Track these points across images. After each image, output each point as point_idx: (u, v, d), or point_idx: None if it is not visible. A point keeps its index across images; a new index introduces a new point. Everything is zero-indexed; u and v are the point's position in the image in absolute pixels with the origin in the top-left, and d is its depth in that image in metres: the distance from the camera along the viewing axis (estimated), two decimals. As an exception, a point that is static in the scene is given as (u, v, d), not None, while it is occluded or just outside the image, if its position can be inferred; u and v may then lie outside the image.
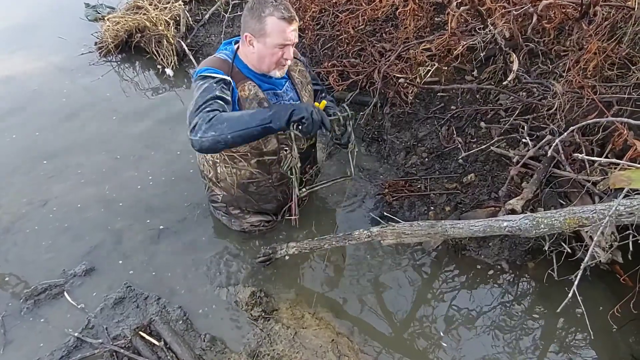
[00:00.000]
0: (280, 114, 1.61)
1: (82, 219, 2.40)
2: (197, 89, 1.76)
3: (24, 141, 2.89)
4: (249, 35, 1.80)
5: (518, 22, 2.16)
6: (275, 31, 1.76)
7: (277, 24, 1.75)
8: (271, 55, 1.82)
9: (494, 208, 2.22)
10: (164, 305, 2.01)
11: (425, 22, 2.86)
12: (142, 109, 3.18)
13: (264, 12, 1.74)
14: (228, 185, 2.16)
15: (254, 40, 1.80)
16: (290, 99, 2.03)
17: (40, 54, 3.66)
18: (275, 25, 1.75)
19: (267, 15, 1.74)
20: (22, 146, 2.86)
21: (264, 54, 1.82)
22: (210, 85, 1.76)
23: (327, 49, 3.19)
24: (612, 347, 1.98)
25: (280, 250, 2.09)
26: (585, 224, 1.48)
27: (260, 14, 1.74)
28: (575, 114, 2.19)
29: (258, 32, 1.78)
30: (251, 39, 1.80)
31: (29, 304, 2.02)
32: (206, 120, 1.61)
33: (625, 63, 2.27)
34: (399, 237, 1.84)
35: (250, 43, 1.82)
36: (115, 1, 4.06)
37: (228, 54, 1.92)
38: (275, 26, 1.75)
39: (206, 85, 1.75)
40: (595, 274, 2.09)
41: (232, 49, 1.94)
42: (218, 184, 2.19)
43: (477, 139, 2.56)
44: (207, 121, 1.61)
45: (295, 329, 1.94)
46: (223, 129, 1.60)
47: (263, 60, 1.85)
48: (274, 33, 1.76)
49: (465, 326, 2.04)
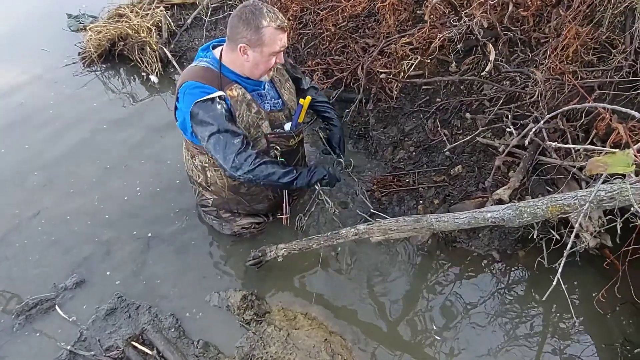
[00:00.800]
0: (304, 178, 1.93)
1: (71, 231, 2.39)
2: (207, 122, 1.81)
3: (15, 155, 2.88)
4: (244, 45, 1.80)
5: (496, 12, 2.15)
6: (272, 40, 1.79)
7: (274, 34, 1.78)
8: (266, 62, 1.85)
9: (482, 199, 2.22)
10: (156, 314, 2.01)
11: (406, 15, 2.85)
12: (129, 117, 3.16)
13: (261, 23, 1.75)
14: (219, 189, 2.16)
15: (249, 50, 1.81)
16: (271, 97, 2.05)
17: (24, 67, 3.64)
18: (273, 34, 1.78)
19: (264, 26, 1.76)
20: (11, 160, 2.85)
21: (258, 61, 1.84)
22: (215, 114, 1.80)
23: (310, 47, 3.18)
24: (605, 331, 1.99)
25: (269, 252, 2.09)
26: (568, 211, 1.48)
27: (257, 25, 1.76)
28: (558, 100, 2.18)
29: (255, 42, 1.79)
30: (246, 48, 1.81)
31: (21, 320, 2.02)
32: (250, 165, 1.84)
33: (605, 47, 2.26)
34: (385, 234, 1.84)
35: (244, 52, 1.82)
36: (97, 10, 4.03)
37: (210, 61, 1.91)
38: (272, 36, 1.78)
39: (212, 115, 1.80)
40: (585, 259, 2.10)
41: (212, 56, 1.93)
42: (208, 188, 2.19)
43: (463, 130, 2.55)
44: (250, 167, 1.84)
45: (288, 330, 1.94)
46: (260, 176, 1.87)
47: (257, 67, 1.87)
48: (270, 42, 1.79)
49: (459, 318, 2.05)
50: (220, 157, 1.85)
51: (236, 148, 1.82)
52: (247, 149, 1.85)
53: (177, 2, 3.89)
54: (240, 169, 1.84)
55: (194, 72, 1.90)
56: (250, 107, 1.91)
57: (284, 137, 2.05)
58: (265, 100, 2.03)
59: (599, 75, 2.20)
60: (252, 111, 1.92)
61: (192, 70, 1.92)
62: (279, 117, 2.03)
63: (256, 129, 1.96)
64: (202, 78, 1.85)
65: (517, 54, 2.40)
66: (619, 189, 1.38)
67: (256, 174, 1.85)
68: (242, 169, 1.84)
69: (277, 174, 1.88)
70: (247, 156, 1.83)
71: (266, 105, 2.02)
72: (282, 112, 2.05)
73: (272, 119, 2.00)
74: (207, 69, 1.89)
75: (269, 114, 1.99)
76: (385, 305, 2.09)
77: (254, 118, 1.93)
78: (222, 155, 1.84)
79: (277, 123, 2.03)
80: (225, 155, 1.83)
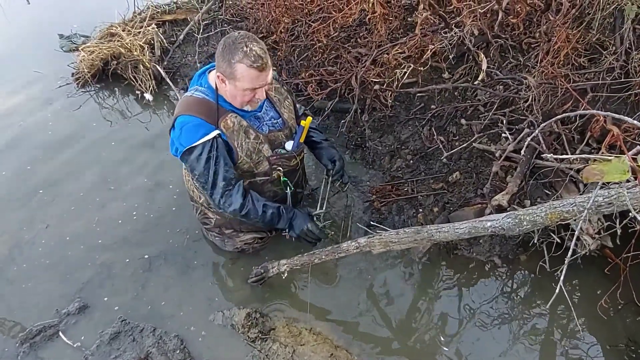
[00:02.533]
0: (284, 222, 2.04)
1: (71, 254, 2.38)
2: (197, 164, 1.86)
3: (19, 176, 2.88)
4: (221, 75, 1.79)
5: (486, 19, 2.17)
6: (245, 78, 1.75)
7: (247, 72, 1.73)
8: (242, 95, 1.83)
9: (481, 205, 2.22)
10: (160, 336, 2.00)
11: (397, 23, 2.87)
12: (127, 136, 3.15)
13: (234, 58, 1.71)
14: None
15: (225, 80, 1.79)
16: (271, 117, 2.05)
17: (18, 89, 3.63)
18: (245, 72, 1.73)
19: (236, 61, 1.71)
20: (15, 181, 2.84)
21: (235, 93, 1.83)
22: (207, 157, 1.84)
23: (303, 59, 3.19)
24: (610, 332, 1.99)
25: (272, 268, 2.09)
26: (567, 218, 1.48)
27: (230, 59, 1.72)
28: (552, 103, 2.20)
29: (228, 75, 1.76)
30: (223, 78, 1.79)
31: (25, 348, 2.01)
32: (233, 211, 1.94)
33: (596, 49, 2.28)
34: (386, 246, 1.84)
35: (222, 81, 1.81)
36: (89, 29, 4.03)
37: (205, 91, 1.89)
38: (245, 73, 1.73)
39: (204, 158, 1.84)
40: (586, 260, 2.09)
41: (208, 84, 1.91)
42: (210, 208, 2.19)
43: (460, 136, 2.56)
44: (233, 211, 1.95)
45: (294, 346, 1.93)
46: (251, 217, 1.98)
47: (235, 99, 1.86)
48: (243, 79, 1.75)
49: (464, 326, 2.05)
50: (207, 195, 1.97)
51: (221, 191, 1.90)
52: (234, 192, 1.92)
53: (168, 19, 3.90)
54: (224, 210, 1.97)
55: (190, 104, 1.88)
56: (248, 134, 1.91)
57: (286, 157, 2.05)
58: (263, 122, 2.01)
59: (591, 78, 2.22)
60: (250, 137, 1.92)
61: (188, 101, 1.89)
62: (278, 136, 2.03)
63: (257, 154, 1.96)
64: (198, 112, 1.83)
65: (509, 59, 2.41)
66: (617, 194, 1.39)
67: (239, 219, 2.02)
68: (226, 211, 1.96)
69: (259, 220, 2.00)
70: (233, 201, 1.92)
71: (264, 127, 2.01)
72: (282, 132, 2.04)
73: (271, 140, 2.00)
74: (202, 101, 1.87)
75: (267, 136, 1.99)
76: (390, 317, 2.09)
77: (253, 144, 1.94)
78: (209, 194, 1.94)
79: (277, 142, 2.03)
80: (212, 194, 1.92)
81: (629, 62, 2.12)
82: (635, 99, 2.12)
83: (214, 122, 1.84)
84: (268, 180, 2.06)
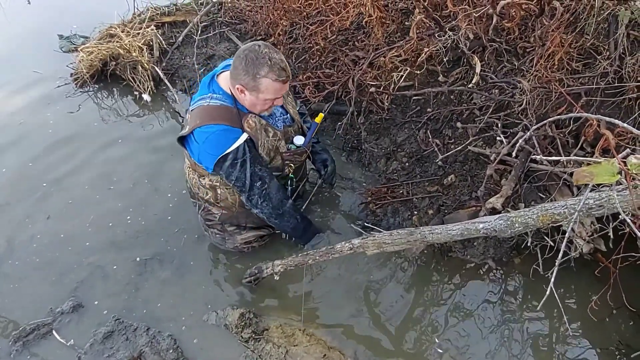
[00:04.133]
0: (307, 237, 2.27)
1: (66, 253, 2.38)
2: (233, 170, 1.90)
3: (17, 174, 2.88)
4: (241, 86, 1.81)
5: (481, 23, 2.18)
6: (270, 90, 1.80)
7: (272, 85, 1.78)
8: (262, 104, 1.87)
9: (476, 208, 2.23)
10: (154, 335, 2.00)
11: (394, 27, 2.89)
12: (124, 136, 3.15)
13: (260, 73, 1.74)
14: (229, 204, 2.17)
15: (246, 91, 1.82)
16: (281, 113, 2.10)
17: (18, 89, 3.64)
18: (270, 85, 1.77)
19: (262, 76, 1.75)
20: (13, 179, 2.85)
21: (255, 103, 1.86)
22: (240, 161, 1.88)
23: (301, 61, 3.20)
24: (603, 335, 2.00)
25: (266, 269, 2.09)
26: (558, 220, 1.49)
27: (255, 74, 1.75)
28: (546, 107, 2.21)
29: (251, 88, 1.79)
30: (243, 90, 1.82)
31: (18, 346, 2.01)
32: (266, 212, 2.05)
33: (590, 53, 2.30)
34: (380, 247, 1.85)
35: (242, 92, 1.83)
36: (88, 30, 4.05)
37: (222, 97, 1.91)
38: (270, 86, 1.78)
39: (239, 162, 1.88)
40: (580, 263, 2.11)
41: (222, 91, 1.92)
42: (217, 204, 2.19)
43: (455, 139, 2.57)
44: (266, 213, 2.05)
45: (287, 347, 1.94)
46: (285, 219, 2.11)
47: (254, 107, 1.90)
48: (267, 91, 1.80)
49: (458, 328, 2.05)
50: (244, 197, 2.02)
51: (259, 190, 1.97)
52: (269, 190, 1.99)
53: (167, 21, 3.92)
54: (261, 211, 2.04)
55: (211, 112, 1.88)
56: (267, 132, 1.96)
57: (298, 153, 2.11)
58: (276, 118, 2.07)
59: (585, 82, 2.23)
60: (269, 135, 1.97)
61: (209, 110, 1.89)
62: (289, 131, 2.09)
63: (275, 150, 2.01)
64: (221, 119, 1.85)
65: (504, 63, 2.43)
66: (607, 196, 1.40)
67: (271, 221, 2.10)
68: (263, 211, 2.04)
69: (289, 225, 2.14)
70: (270, 200, 2.00)
71: (279, 123, 2.06)
72: (292, 127, 2.11)
73: (286, 136, 2.07)
74: (222, 107, 1.89)
75: (283, 132, 2.04)
76: (383, 318, 2.09)
77: (272, 142, 1.98)
78: (246, 197, 2.00)
79: (287, 137, 2.08)
80: (250, 196, 1.99)
81: (623, 67, 2.14)
82: (629, 104, 2.14)
83: (238, 126, 1.86)
84: (279, 176, 2.10)
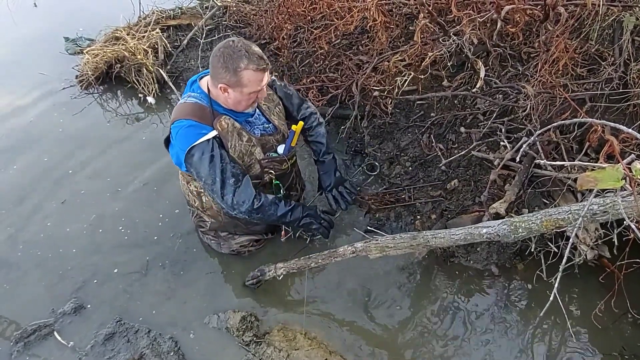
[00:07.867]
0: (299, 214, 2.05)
1: (69, 255, 2.39)
2: (202, 165, 1.85)
3: (34, 171, 2.92)
4: (224, 85, 1.81)
5: (486, 28, 2.18)
6: (252, 82, 1.79)
7: (254, 76, 1.77)
8: (247, 99, 1.86)
9: (479, 213, 2.22)
10: (155, 338, 2.00)
11: (399, 32, 2.89)
12: (128, 138, 3.16)
13: (240, 66, 1.74)
14: (215, 213, 2.18)
15: (229, 89, 1.82)
16: (262, 123, 2.07)
17: (23, 90, 3.66)
18: (252, 76, 1.77)
19: (243, 69, 1.75)
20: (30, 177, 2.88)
21: (240, 99, 1.85)
22: (210, 155, 1.84)
23: (305, 65, 3.21)
24: (606, 341, 1.98)
25: (268, 272, 2.09)
26: (562, 225, 1.48)
27: (235, 68, 1.75)
28: (550, 113, 2.20)
29: (234, 84, 1.79)
30: (226, 88, 1.82)
31: (19, 347, 2.01)
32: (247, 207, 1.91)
33: (595, 59, 2.29)
34: (383, 251, 1.84)
35: (225, 91, 1.83)
36: (94, 33, 4.07)
37: (199, 96, 1.92)
38: (252, 77, 1.77)
39: (208, 157, 1.84)
40: (585, 269, 2.09)
41: (200, 90, 1.94)
42: (205, 212, 2.21)
43: (459, 144, 2.57)
44: (247, 209, 1.92)
45: (288, 351, 1.93)
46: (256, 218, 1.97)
47: (239, 104, 1.88)
48: (251, 84, 1.79)
49: (460, 334, 2.04)
50: (218, 198, 1.91)
51: (232, 188, 1.88)
52: (244, 186, 1.90)
53: (173, 24, 3.94)
54: (237, 210, 1.92)
55: (184, 109, 1.90)
56: (241, 136, 1.93)
57: (277, 161, 2.06)
58: (255, 126, 2.04)
59: (589, 88, 2.23)
60: (243, 140, 1.94)
61: (183, 107, 1.92)
62: (269, 140, 2.05)
63: (249, 156, 1.98)
64: (193, 115, 1.86)
65: (508, 68, 2.42)
66: (612, 202, 1.39)
67: (253, 217, 1.95)
68: (240, 210, 1.92)
69: (274, 215, 1.98)
70: (245, 197, 1.90)
71: (256, 130, 2.03)
72: (273, 136, 2.06)
73: (263, 143, 2.02)
74: (196, 105, 1.89)
75: (259, 139, 2.00)
76: (385, 324, 2.08)
77: (245, 146, 1.95)
78: (220, 195, 1.89)
79: (269, 146, 2.05)
80: (223, 195, 1.88)
81: (628, 73, 2.14)
82: (634, 110, 2.13)
83: (209, 124, 1.86)
84: (260, 183, 2.07)
